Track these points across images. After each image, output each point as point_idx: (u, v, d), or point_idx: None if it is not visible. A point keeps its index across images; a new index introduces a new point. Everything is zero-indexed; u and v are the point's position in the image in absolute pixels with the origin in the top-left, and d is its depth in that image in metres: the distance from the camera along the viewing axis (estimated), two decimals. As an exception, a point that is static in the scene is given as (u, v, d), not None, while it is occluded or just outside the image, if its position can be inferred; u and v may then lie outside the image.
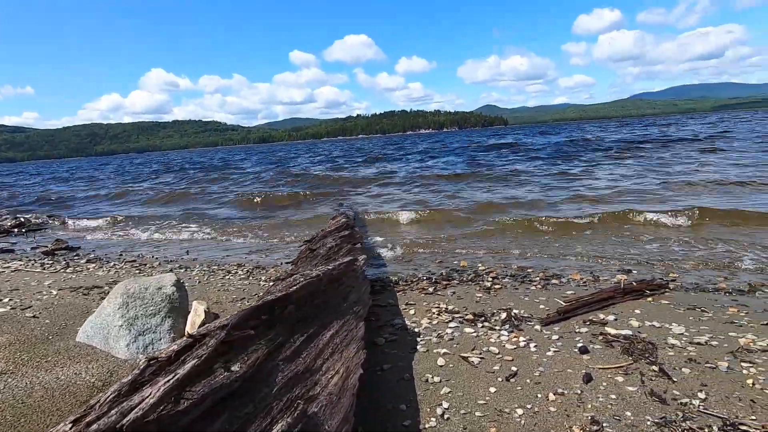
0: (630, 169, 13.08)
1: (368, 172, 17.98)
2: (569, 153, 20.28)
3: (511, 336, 2.88)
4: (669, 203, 7.69)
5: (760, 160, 12.20)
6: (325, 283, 2.16)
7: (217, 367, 1.20)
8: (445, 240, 6.37)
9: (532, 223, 6.89)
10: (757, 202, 7.28)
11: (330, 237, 3.77)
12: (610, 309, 3.33)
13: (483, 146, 30.47)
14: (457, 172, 15.14)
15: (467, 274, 4.62)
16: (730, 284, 3.92)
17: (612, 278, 4.26)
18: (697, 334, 2.76)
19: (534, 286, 4.05)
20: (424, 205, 9.55)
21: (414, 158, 25.02)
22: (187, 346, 1.24)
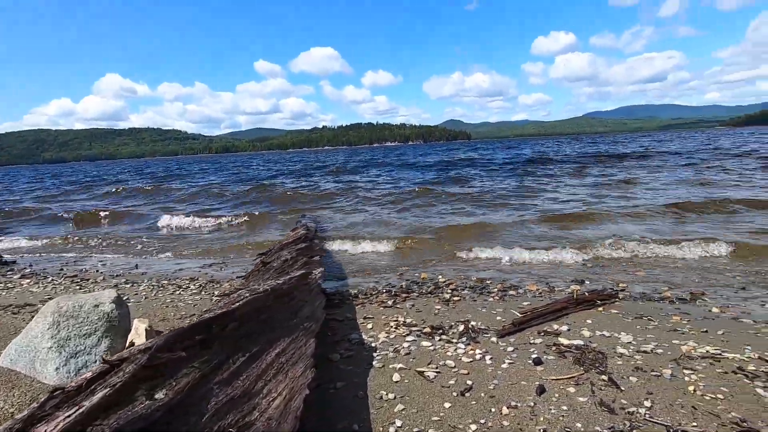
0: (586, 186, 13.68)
1: (332, 186, 17.86)
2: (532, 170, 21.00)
3: (467, 349, 2.86)
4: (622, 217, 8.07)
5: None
6: (274, 298, 2.06)
7: (139, 395, 1.08)
8: (408, 253, 6.36)
9: (492, 234, 7.01)
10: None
11: (286, 249, 3.65)
12: (564, 319, 3.39)
13: (457, 160, 30.96)
14: (426, 187, 15.28)
15: (427, 286, 4.60)
16: (674, 293, 4.11)
17: (567, 288, 4.37)
18: (643, 343, 2.85)
19: (492, 297, 4.08)
20: (388, 217, 9.54)
21: (380, 171, 25.14)
22: (102, 372, 1.11)
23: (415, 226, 8.27)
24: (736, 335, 2.95)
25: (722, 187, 10.98)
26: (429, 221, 8.71)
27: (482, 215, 9.15)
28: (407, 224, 8.49)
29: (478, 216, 9.05)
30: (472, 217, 8.87)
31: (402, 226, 8.32)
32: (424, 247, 6.64)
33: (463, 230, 7.59)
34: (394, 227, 8.32)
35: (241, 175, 28.32)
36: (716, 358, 2.57)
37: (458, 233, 7.38)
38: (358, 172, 24.54)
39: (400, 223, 8.62)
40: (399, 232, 7.77)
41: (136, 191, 18.97)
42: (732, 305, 3.71)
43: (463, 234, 7.32)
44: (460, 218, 8.87)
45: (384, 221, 8.98)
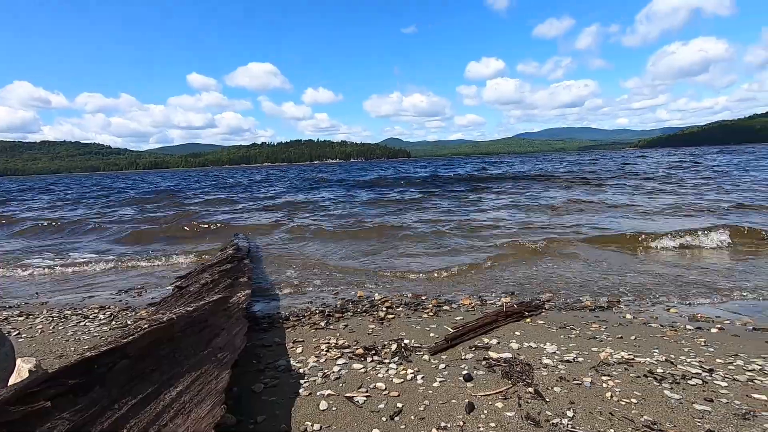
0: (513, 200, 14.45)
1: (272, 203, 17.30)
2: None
3: (399, 369, 2.79)
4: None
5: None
6: (182, 327, 1.84)
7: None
8: (346, 271, 6.22)
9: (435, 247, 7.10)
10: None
11: (208, 271, 3.38)
12: (495, 332, 3.44)
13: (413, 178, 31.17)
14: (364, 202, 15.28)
15: (362, 304, 4.50)
16: (594, 302, 4.37)
17: (498, 301, 4.48)
18: (566, 352, 2.95)
19: (426, 313, 4.07)
20: (329, 234, 9.35)
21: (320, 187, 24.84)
22: None
23: (356, 242, 8.17)
24: (645, 339, 3.16)
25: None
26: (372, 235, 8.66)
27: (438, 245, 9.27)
28: (348, 242, 8.37)
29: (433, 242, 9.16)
30: (424, 244, 8.95)
31: (342, 243, 8.18)
32: (366, 264, 6.54)
33: (411, 243, 7.62)
34: (335, 244, 8.16)
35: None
36: (630, 363, 2.71)
37: (402, 246, 7.39)
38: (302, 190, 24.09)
39: (341, 239, 8.47)
40: (340, 249, 7.62)
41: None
42: (642, 311, 4.00)
43: (406, 248, 7.34)
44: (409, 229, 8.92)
45: (324, 239, 8.78)
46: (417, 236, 8.45)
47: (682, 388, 2.37)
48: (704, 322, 3.60)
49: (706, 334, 3.28)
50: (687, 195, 13.38)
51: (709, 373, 2.51)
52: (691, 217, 9.25)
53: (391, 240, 8.22)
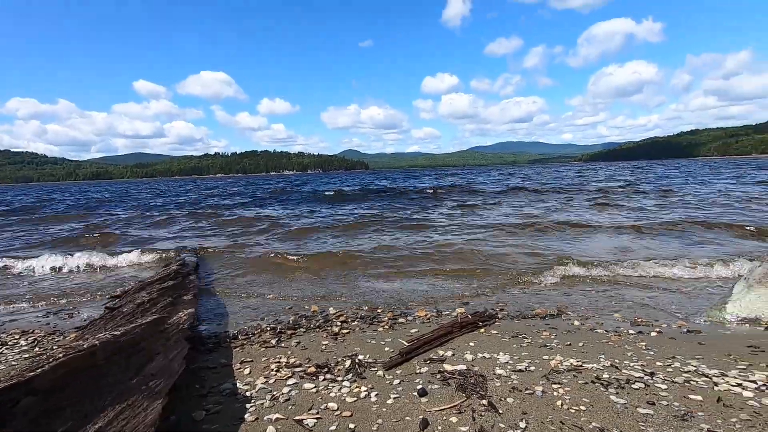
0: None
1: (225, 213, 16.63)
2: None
3: (353, 387, 2.69)
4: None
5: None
6: (107, 354, 1.66)
7: None
8: (300, 284, 6.04)
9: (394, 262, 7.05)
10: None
11: (146, 290, 3.12)
12: (450, 344, 3.43)
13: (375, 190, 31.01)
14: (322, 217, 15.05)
15: (316, 319, 4.36)
16: (544, 310, 4.48)
17: (453, 312, 4.49)
18: (519, 362, 2.98)
19: (382, 327, 3.99)
20: (284, 249, 9.07)
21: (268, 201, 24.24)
22: None
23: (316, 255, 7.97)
24: (592, 345, 3.26)
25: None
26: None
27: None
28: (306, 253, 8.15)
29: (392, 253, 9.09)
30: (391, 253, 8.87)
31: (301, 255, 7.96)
32: (322, 278, 6.38)
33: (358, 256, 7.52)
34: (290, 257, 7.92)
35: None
36: (578, 369, 2.77)
37: (359, 259, 7.29)
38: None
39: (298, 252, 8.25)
40: (297, 264, 7.40)
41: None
42: (589, 317, 4.15)
43: (359, 261, 7.25)
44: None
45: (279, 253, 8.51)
46: (378, 256, 8.39)
47: (626, 392, 2.44)
48: (644, 326, 3.78)
49: (646, 337, 3.44)
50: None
51: (651, 377, 2.62)
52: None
53: (351, 259, 8.11)
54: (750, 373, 2.63)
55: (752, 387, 2.42)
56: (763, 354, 2.96)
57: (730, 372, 2.65)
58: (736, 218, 10.24)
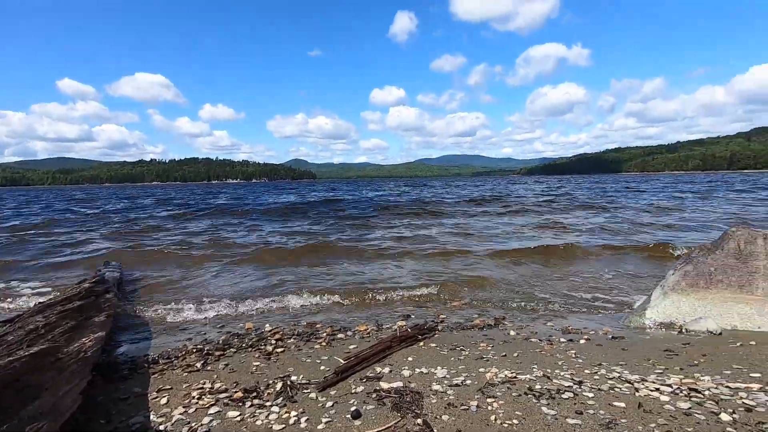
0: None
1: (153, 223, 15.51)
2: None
3: (282, 412, 2.50)
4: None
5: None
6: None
7: None
8: (238, 299, 5.68)
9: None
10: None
11: (44, 313, 2.74)
12: (388, 359, 3.33)
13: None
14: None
15: (250, 338, 4.09)
16: (483, 320, 4.54)
17: (394, 325, 4.42)
18: (456, 375, 2.94)
19: (319, 344, 3.82)
20: (217, 257, 8.56)
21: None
22: None
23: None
24: (526, 355, 3.32)
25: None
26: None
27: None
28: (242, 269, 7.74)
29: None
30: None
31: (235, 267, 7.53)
32: (261, 293, 6.06)
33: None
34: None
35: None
36: (512, 381, 2.79)
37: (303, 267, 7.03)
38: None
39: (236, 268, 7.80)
40: (231, 279, 6.98)
41: None
42: (524, 326, 4.25)
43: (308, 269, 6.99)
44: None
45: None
46: (318, 270, 8.18)
47: (557, 402, 2.47)
48: (574, 333, 3.93)
49: (576, 345, 3.56)
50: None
51: (579, 385, 2.68)
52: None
53: (291, 270, 7.83)
54: (666, 377, 2.78)
55: (668, 391, 2.55)
56: (677, 357, 3.16)
57: (649, 377, 2.79)
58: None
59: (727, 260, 3.99)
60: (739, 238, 4.00)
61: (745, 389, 2.55)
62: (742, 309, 3.86)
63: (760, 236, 3.94)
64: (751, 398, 2.43)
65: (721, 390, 2.54)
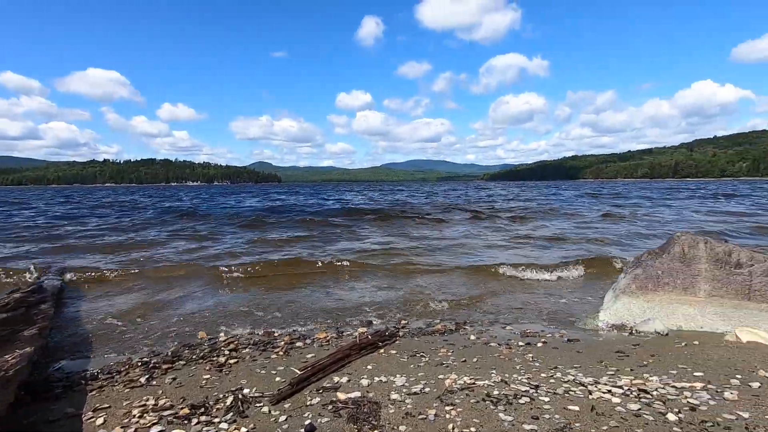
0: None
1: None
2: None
3: (231, 428, 2.35)
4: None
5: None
6: None
7: None
8: (192, 304, 5.40)
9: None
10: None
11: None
12: (347, 368, 3.24)
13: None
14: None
15: (202, 348, 3.88)
16: (444, 324, 4.54)
17: (355, 332, 4.33)
18: (414, 383, 2.89)
19: (276, 353, 3.67)
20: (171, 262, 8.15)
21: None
22: None
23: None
24: (486, 360, 3.33)
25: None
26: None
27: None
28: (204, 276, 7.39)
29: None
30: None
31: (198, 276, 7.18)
32: (224, 305, 5.79)
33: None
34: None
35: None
36: (471, 388, 2.77)
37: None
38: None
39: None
40: (188, 286, 6.65)
41: None
42: (484, 331, 4.28)
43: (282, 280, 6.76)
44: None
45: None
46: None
47: (514, 408, 2.47)
48: (532, 337, 3.99)
49: (533, 349, 3.61)
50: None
51: (536, 390, 2.70)
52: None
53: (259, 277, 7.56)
54: (617, 378, 2.86)
55: (619, 393, 2.61)
56: (628, 358, 3.27)
57: (602, 379, 2.85)
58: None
59: (673, 264, 4.19)
60: (684, 243, 4.21)
61: (689, 388, 2.65)
62: (686, 310, 4.05)
63: (702, 241, 4.16)
64: (695, 397, 2.53)
65: (668, 390, 2.63)
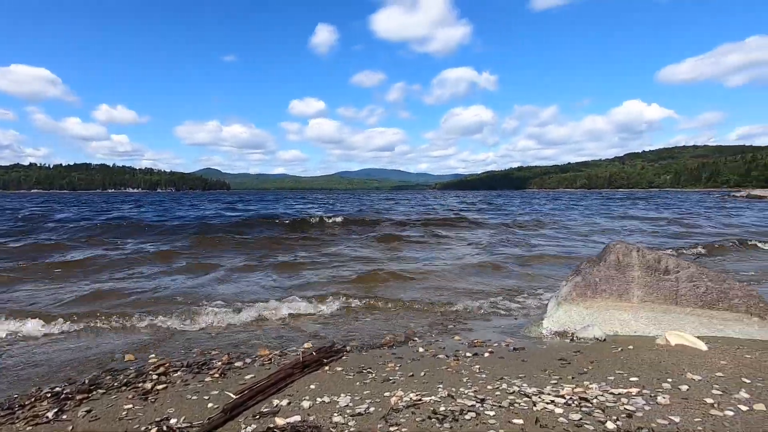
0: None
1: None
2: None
3: (150, 467, 2.10)
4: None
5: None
6: None
7: None
8: (112, 324, 4.92)
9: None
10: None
11: None
12: (289, 389, 3.04)
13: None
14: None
15: (127, 373, 3.51)
16: (393, 336, 4.44)
17: (300, 348, 4.12)
18: (359, 403, 2.76)
19: (211, 376, 3.38)
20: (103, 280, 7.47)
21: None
22: None
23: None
24: (433, 374, 3.25)
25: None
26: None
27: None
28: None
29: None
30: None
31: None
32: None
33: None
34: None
35: None
36: (417, 405, 2.68)
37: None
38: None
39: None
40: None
41: None
42: (434, 342, 4.23)
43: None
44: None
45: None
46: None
47: (459, 425, 2.40)
48: (479, 347, 3.99)
49: (481, 359, 3.60)
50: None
51: (482, 404, 2.65)
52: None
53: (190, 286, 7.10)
54: (560, 387, 2.89)
55: (562, 402, 2.63)
56: (570, 366, 3.33)
57: (545, 389, 2.86)
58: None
59: (609, 271, 4.38)
60: (618, 251, 4.42)
61: (626, 394, 2.72)
62: (622, 315, 4.24)
63: (635, 249, 4.38)
64: (632, 403, 2.59)
65: (607, 397, 2.68)
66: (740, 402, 2.56)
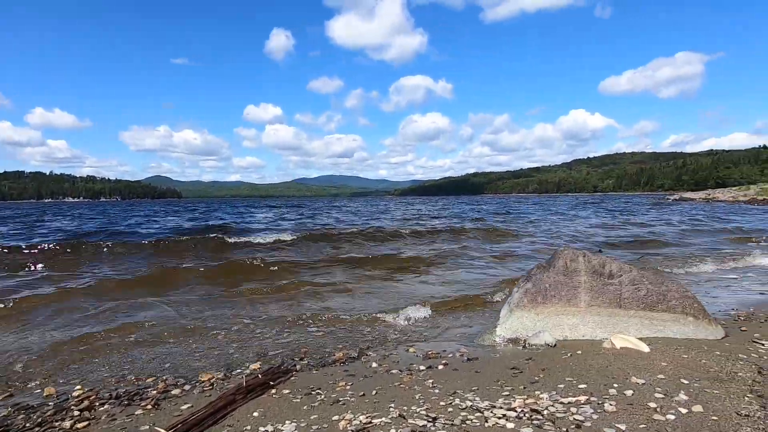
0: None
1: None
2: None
3: None
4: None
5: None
6: None
7: None
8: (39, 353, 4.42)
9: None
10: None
11: None
12: (228, 419, 2.81)
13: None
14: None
15: (44, 410, 3.13)
16: (345, 352, 4.28)
17: (246, 370, 3.87)
18: (305, 429, 2.58)
19: (143, 407, 3.08)
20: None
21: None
22: None
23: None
24: (386, 392, 3.13)
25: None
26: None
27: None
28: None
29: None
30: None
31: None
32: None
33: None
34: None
35: None
36: (366, 428, 2.54)
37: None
38: None
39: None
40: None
41: None
42: (387, 355, 4.12)
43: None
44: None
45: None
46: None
47: (410, 448, 2.29)
48: (434, 359, 3.92)
49: (434, 372, 3.52)
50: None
51: (433, 423, 2.56)
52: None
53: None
54: (512, 399, 2.85)
55: (513, 416, 2.58)
56: (522, 375, 3.32)
57: (497, 402, 2.82)
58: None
59: (558, 277, 4.46)
60: (566, 257, 4.52)
61: (575, 403, 2.73)
62: (570, 320, 4.32)
63: (581, 255, 4.50)
64: (580, 413, 2.59)
65: (557, 407, 2.68)
66: (680, 404, 2.63)
